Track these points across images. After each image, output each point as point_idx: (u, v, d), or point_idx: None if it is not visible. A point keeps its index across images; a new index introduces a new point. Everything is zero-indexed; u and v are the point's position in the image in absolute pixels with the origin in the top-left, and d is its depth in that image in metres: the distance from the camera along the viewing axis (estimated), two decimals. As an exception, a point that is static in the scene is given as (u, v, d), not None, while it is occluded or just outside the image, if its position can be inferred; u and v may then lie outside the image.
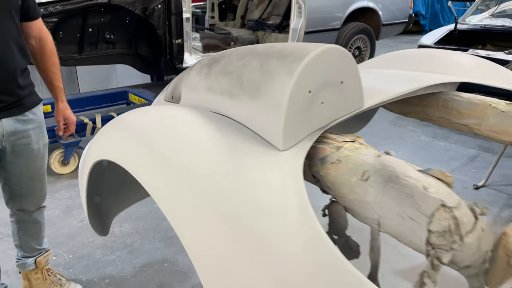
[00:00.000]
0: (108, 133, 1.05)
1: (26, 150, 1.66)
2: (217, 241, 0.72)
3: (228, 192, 0.77)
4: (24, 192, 1.74)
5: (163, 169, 0.82)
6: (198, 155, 0.83)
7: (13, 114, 1.58)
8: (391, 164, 0.82)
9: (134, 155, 0.88)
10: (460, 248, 0.73)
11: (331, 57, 0.93)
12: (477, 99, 1.27)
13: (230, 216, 0.74)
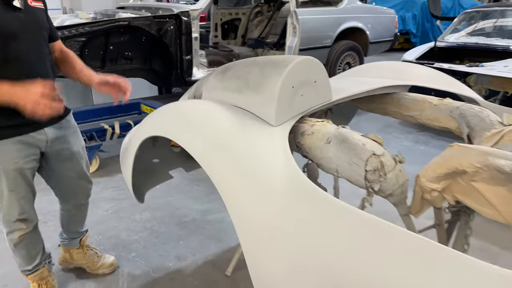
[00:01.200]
0: (157, 117, 1.51)
1: (67, 153, 1.85)
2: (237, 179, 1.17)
3: (244, 149, 1.21)
4: (71, 191, 1.97)
5: (200, 138, 1.28)
6: (222, 129, 1.28)
7: (53, 123, 1.75)
8: (344, 131, 1.27)
9: (181, 130, 1.33)
10: (384, 181, 1.18)
11: (307, 64, 1.39)
12: (419, 97, 1.73)
13: (243, 163, 1.19)
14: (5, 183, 1.69)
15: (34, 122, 1.64)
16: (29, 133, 1.68)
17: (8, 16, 1.52)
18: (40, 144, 1.73)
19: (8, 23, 1.52)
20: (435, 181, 1.20)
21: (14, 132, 1.63)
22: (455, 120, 1.56)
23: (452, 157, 1.15)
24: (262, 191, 1.13)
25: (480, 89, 3.13)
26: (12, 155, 1.65)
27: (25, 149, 1.68)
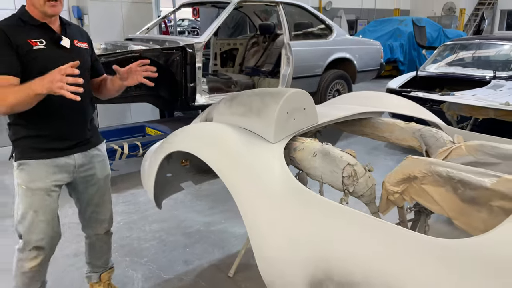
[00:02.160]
0: (180, 136, 1.88)
1: (93, 180, 1.94)
2: (245, 183, 1.53)
3: (250, 160, 1.58)
4: (93, 217, 2.04)
5: (216, 152, 1.65)
6: (234, 145, 1.65)
7: (83, 150, 1.88)
8: (327, 147, 1.65)
9: (201, 146, 1.70)
10: (357, 184, 1.54)
11: (298, 95, 1.78)
12: (390, 121, 2.12)
13: (248, 170, 1.55)
14: (30, 203, 1.76)
15: (67, 147, 1.80)
16: (60, 157, 1.80)
17: (56, 55, 1.72)
18: (68, 169, 1.83)
19: (55, 61, 1.66)
20: (396, 185, 1.57)
21: (46, 155, 1.76)
22: (417, 140, 1.94)
23: (407, 166, 1.52)
24: (264, 191, 1.49)
25: (452, 115, 3.53)
26: (43, 176, 1.76)
27: (54, 172, 1.79)
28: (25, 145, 1.75)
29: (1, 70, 1.61)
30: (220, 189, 3.90)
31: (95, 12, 5.68)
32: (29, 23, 1.72)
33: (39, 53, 1.68)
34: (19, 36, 1.66)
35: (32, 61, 1.67)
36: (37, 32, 1.72)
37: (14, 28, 1.67)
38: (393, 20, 12.86)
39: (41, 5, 1.69)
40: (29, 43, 1.68)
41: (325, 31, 5.67)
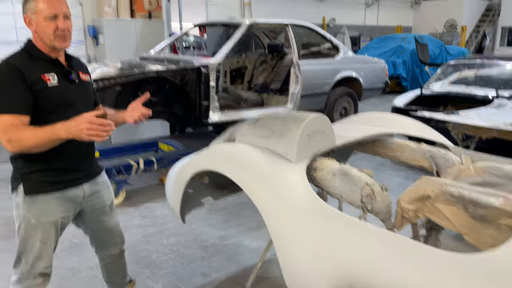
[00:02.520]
0: (207, 155, 2.02)
1: (100, 207, 1.97)
2: (271, 199, 1.67)
3: (274, 178, 1.72)
4: (106, 241, 2.07)
5: (243, 170, 1.79)
6: (259, 164, 1.79)
7: (90, 179, 1.91)
8: (345, 167, 1.79)
9: (228, 165, 1.85)
10: (375, 203, 1.68)
11: (318, 119, 1.92)
12: (401, 142, 2.26)
13: (274, 188, 1.69)
14: (39, 235, 1.76)
15: (75, 178, 1.82)
16: (70, 188, 1.82)
17: (68, 90, 1.76)
18: (77, 200, 1.86)
19: (67, 94, 1.75)
20: (410, 203, 1.70)
21: (56, 188, 1.77)
22: (427, 160, 2.08)
23: (421, 186, 1.66)
24: (290, 208, 1.63)
25: (458, 134, 3.67)
26: (52, 209, 1.77)
27: (64, 204, 1.80)
28: (36, 179, 1.74)
29: (14, 108, 1.60)
30: (232, 204, 4.03)
31: (110, 31, 5.89)
32: (39, 57, 1.72)
33: (53, 89, 1.70)
34: (32, 72, 1.66)
35: (46, 98, 1.68)
36: (48, 67, 1.73)
37: (26, 64, 1.67)
38: (396, 37, 13.10)
39: (50, 39, 1.70)
40: (43, 79, 1.69)
41: (332, 51, 5.85)
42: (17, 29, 5.62)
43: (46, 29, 1.69)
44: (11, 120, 1.59)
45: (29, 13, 1.70)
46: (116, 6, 5.96)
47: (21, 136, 1.58)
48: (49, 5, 1.68)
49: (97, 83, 3.73)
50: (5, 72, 1.64)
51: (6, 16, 5.53)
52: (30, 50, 1.73)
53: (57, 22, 1.69)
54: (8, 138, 1.58)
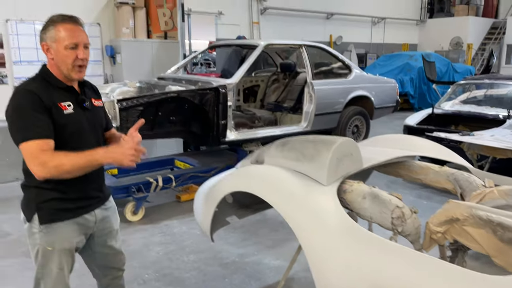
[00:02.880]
0: (238, 177, 2.11)
1: (108, 232, 2.00)
2: (304, 220, 1.75)
3: (307, 200, 1.80)
4: (112, 264, 2.07)
5: (276, 192, 1.87)
6: (291, 186, 1.88)
7: (100, 205, 1.94)
8: (375, 190, 1.86)
9: (261, 187, 1.93)
10: (405, 225, 1.75)
11: (346, 143, 2.01)
12: (424, 164, 2.34)
13: (308, 210, 1.77)
14: (56, 262, 1.78)
15: (87, 205, 1.85)
16: (83, 215, 1.84)
17: (82, 117, 1.80)
18: (90, 225, 1.88)
19: (81, 121, 1.78)
20: (438, 225, 1.77)
21: (71, 215, 1.79)
22: (451, 183, 2.16)
23: (449, 209, 1.73)
24: (323, 228, 1.71)
25: (472, 154, 3.74)
26: (68, 236, 1.80)
27: (78, 230, 1.83)
28: (50, 208, 1.75)
29: (42, 134, 1.63)
30: (249, 222, 4.09)
31: (127, 51, 6.06)
32: (55, 85, 1.74)
33: (69, 117, 1.73)
34: (49, 99, 1.68)
35: (63, 126, 1.71)
36: (64, 94, 1.75)
37: (44, 91, 1.69)
38: (403, 55, 13.25)
39: (68, 69, 1.72)
40: (60, 107, 1.71)
41: (344, 70, 5.98)
42: (38, 50, 5.79)
43: (65, 58, 1.71)
44: (40, 145, 1.61)
45: (48, 40, 1.71)
46: (133, 27, 6.13)
47: (57, 160, 1.60)
48: (71, 34, 1.70)
49: (121, 103, 3.85)
50: (26, 98, 1.65)
51: (28, 37, 5.71)
52: (46, 77, 1.75)
53: (77, 51, 1.71)
54: (42, 162, 1.59)
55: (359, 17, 14.82)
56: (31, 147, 1.61)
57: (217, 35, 11.31)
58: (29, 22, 5.69)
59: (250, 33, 11.89)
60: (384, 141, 2.76)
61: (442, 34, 17.01)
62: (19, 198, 1.77)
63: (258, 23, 12.06)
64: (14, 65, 5.65)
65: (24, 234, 3.69)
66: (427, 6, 17.58)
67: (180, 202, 4.77)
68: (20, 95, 1.67)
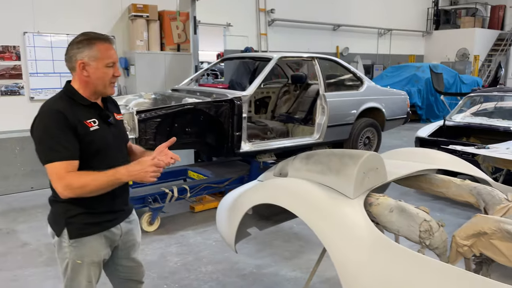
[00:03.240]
0: (264, 189, 2.15)
1: (131, 245, 2.03)
2: (333, 232, 1.79)
3: (335, 212, 1.84)
4: (133, 277, 2.09)
5: (304, 205, 1.91)
6: (319, 198, 1.92)
7: (125, 218, 1.98)
8: (402, 204, 1.90)
9: (289, 199, 1.97)
10: (433, 238, 1.78)
11: (372, 157, 2.05)
12: (446, 178, 2.37)
13: (338, 224, 1.81)
14: (86, 275, 1.83)
15: (114, 218, 1.89)
16: (110, 228, 1.88)
17: (107, 133, 1.84)
18: (115, 238, 1.92)
19: (107, 137, 1.83)
20: (465, 239, 1.80)
21: (99, 229, 1.84)
22: (474, 197, 2.19)
23: (477, 223, 1.76)
24: (353, 241, 1.74)
25: (487, 167, 3.77)
26: (96, 249, 1.84)
27: (105, 243, 1.87)
28: (79, 222, 1.79)
29: (67, 155, 1.67)
30: (263, 233, 4.11)
31: (141, 63, 6.14)
32: (80, 102, 1.78)
33: (95, 134, 1.77)
34: (76, 118, 1.72)
35: (90, 142, 1.75)
36: (89, 111, 1.80)
37: (69, 110, 1.72)
38: (410, 66, 13.32)
39: (105, 85, 1.79)
40: (86, 125, 1.75)
41: (356, 82, 6.03)
42: (54, 62, 5.89)
43: (104, 76, 1.78)
44: (65, 167, 1.66)
45: (86, 58, 1.75)
46: (147, 40, 6.22)
47: (82, 181, 1.65)
48: (110, 53, 1.78)
49: (140, 115, 3.92)
50: (53, 119, 1.68)
51: (45, 49, 5.81)
52: (71, 94, 1.78)
53: (113, 69, 1.80)
54: (67, 184, 1.64)
55: (366, 29, 14.94)
56: (56, 168, 1.66)
57: (225, 46, 11.43)
58: (46, 34, 5.79)
59: (258, 44, 12.01)
60: (403, 154, 2.80)
61: (448, 45, 17.09)
62: (35, 207, 1.81)
63: (266, 34, 12.18)
64: (30, 76, 5.74)
65: (43, 244, 3.79)
66: (433, 17, 17.68)
67: (194, 212, 4.81)
68: (46, 114, 1.71)
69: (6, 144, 5.31)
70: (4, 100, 5.54)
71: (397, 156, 2.81)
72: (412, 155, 2.74)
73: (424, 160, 2.62)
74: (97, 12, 6.14)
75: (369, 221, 1.80)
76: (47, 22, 5.76)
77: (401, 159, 2.71)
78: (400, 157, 2.77)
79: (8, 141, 5.32)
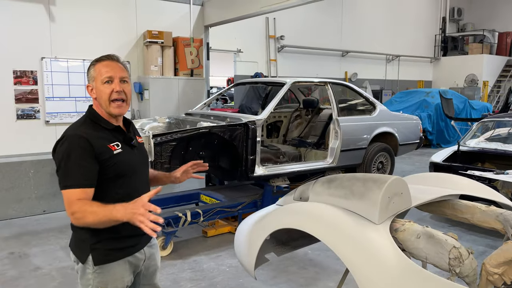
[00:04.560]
0: (286, 214, 2.12)
1: (153, 270, 2.02)
2: (359, 258, 1.74)
3: (362, 240, 1.80)
4: None
5: (328, 230, 1.88)
6: (344, 224, 1.88)
7: (147, 243, 1.95)
8: (430, 230, 1.86)
9: (312, 224, 1.94)
10: (462, 266, 1.73)
11: (397, 182, 2.03)
12: (470, 204, 2.33)
13: (364, 250, 1.77)
14: None
15: (137, 243, 1.86)
16: (134, 253, 1.86)
17: (130, 156, 1.83)
18: (139, 263, 1.90)
19: (130, 160, 1.82)
20: (496, 267, 1.75)
21: (123, 254, 1.81)
22: (501, 223, 2.14)
23: (508, 250, 1.71)
24: (380, 265, 1.70)
25: (507, 192, 3.71)
26: (121, 275, 1.81)
27: (130, 269, 1.85)
28: (103, 248, 1.76)
29: (82, 183, 1.66)
30: (277, 259, 4.03)
31: (155, 87, 6.23)
32: (103, 126, 1.78)
33: (118, 157, 1.75)
34: (99, 142, 1.72)
35: (113, 166, 1.74)
36: (112, 134, 1.79)
37: (93, 134, 1.72)
38: (420, 91, 13.35)
39: (106, 105, 1.76)
40: (110, 148, 1.74)
41: (369, 107, 6.04)
42: (69, 87, 6.00)
43: (102, 93, 1.75)
44: (78, 194, 1.65)
45: (90, 81, 1.79)
46: (161, 65, 6.32)
47: (84, 211, 1.61)
48: (105, 68, 1.76)
49: (156, 138, 3.93)
50: (76, 144, 1.67)
51: (61, 74, 5.91)
52: (93, 118, 1.79)
53: (112, 85, 1.75)
54: (72, 211, 1.63)
55: (374, 55, 15.07)
56: (69, 194, 1.65)
57: (235, 71, 11.58)
58: (63, 60, 5.91)
59: (268, 69, 12.15)
60: (423, 179, 2.76)
61: (456, 71, 17.16)
62: (47, 231, 1.78)
63: (275, 60, 12.33)
64: (46, 101, 5.82)
65: (55, 268, 3.75)
66: (441, 44, 17.83)
67: (207, 237, 4.75)
68: (69, 140, 1.70)
69: (20, 167, 5.35)
70: (20, 123, 5.61)
71: (417, 181, 2.77)
72: (434, 180, 2.70)
73: (446, 185, 2.57)
74: (113, 38, 6.28)
75: (397, 247, 1.76)
76: (64, 47, 5.90)
77: (421, 184, 2.68)
78: (421, 182, 2.73)
79: (22, 164, 5.35)
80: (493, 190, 2.60)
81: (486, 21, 18.93)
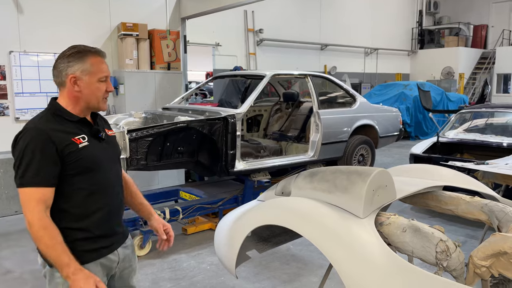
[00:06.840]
0: (266, 210, 2.03)
1: (129, 271, 1.93)
2: (343, 252, 1.67)
3: (347, 235, 1.73)
4: None
5: (311, 225, 1.79)
6: (327, 218, 1.80)
7: (121, 243, 1.85)
8: (416, 223, 1.80)
9: (294, 220, 1.85)
10: (449, 259, 1.68)
11: (381, 174, 1.96)
12: (454, 195, 2.28)
13: (349, 245, 1.69)
14: None
15: (112, 243, 1.78)
16: (107, 255, 1.77)
17: (98, 149, 1.74)
18: (112, 265, 1.81)
19: (97, 154, 1.73)
20: (483, 259, 1.70)
21: (96, 256, 1.72)
22: (486, 214, 2.10)
23: (495, 242, 1.66)
24: (365, 260, 1.63)
25: (487, 182, 3.71)
26: None
27: (102, 271, 1.75)
28: (75, 249, 1.62)
29: (38, 181, 1.56)
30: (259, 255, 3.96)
31: (131, 81, 6.03)
32: (67, 119, 1.69)
33: (84, 151, 1.66)
34: (62, 136, 1.63)
35: (78, 160, 1.65)
36: (77, 127, 1.70)
37: (55, 128, 1.63)
38: (398, 84, 13.46)
39: (98, 101, 1.71)
40: (75, 142, 1.65)
41: (349, 100, 6.01)
42: (40, 82, 5.76)
43: (97, 91, 1.70)
44: (35, 194, 1.55)
45: (78, 72, 1.66)
46: (137, 58, 6.13)
47: (41, 236, 1.53)
48: (103, 67, 1.72)
49: (131, 134, 3.78)
50: (35, 139, 1.58)
51: (31, 69, 5.67)
52: (58, 112, 1.69)
53: (106, 84, 1.73)
54: (30, 222, 1.54)
55: (353, 48, 15.13)
56: (27, 194, 1.56)
57: (214, 65, 11.42)
58: (33, 54, 5.66)
59: (247, 63, 12.03)
60: (407, 171, 2.71)
61: (433, 64, 17.40)
62: (19, 232, 1.67)
63: (255, 54, 12.22)
64: (16, 96, 5.58)
65: (27, 271, 3.58)
66: (418, 37, 18.04)
67: (187, 235, 4.64)
68: (29, 134, 1.60)
69: (-11, 167, 5.11)
70: (-12, 120, 5.36)
71: (401, 172, 2.72)
72: (417, 172, 2.65)
73: (430, 177, 2.53)
74: (86, 31, 6.05)
75: (383, 242, 1.69)
76: (34, 41, 5.65)
77: (405, 175, 2.63)
78: (404, 173, 2.68)
79: (-9, 163, 5.11)
80: (477, 181, 2.57)
81: (461, 14, 19.24)
